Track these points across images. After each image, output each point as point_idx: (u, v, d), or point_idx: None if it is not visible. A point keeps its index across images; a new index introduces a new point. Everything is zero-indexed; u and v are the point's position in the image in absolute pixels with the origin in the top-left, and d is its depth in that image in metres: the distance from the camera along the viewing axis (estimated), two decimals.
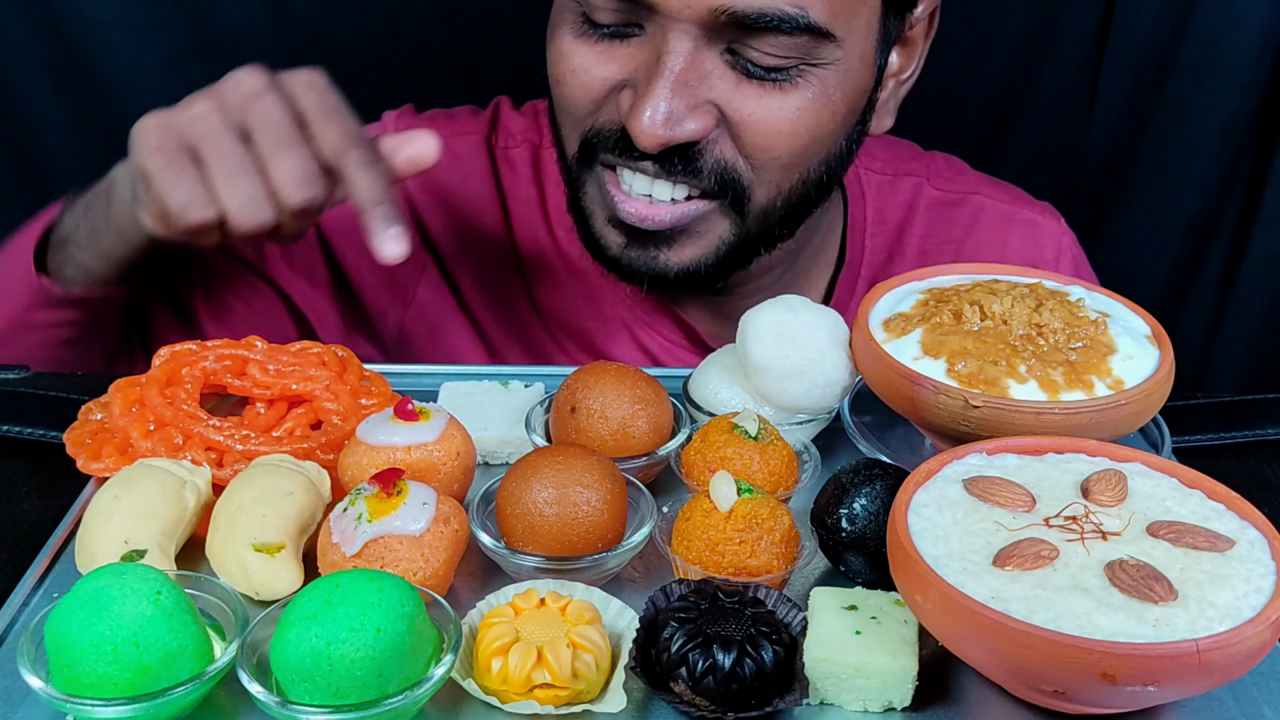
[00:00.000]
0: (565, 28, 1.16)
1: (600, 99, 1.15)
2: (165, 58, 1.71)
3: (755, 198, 1.17)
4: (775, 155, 1.14)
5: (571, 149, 1.21)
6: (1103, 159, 1.81)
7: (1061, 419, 0.90)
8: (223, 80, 1.05)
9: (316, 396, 1.04)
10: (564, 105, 1.18)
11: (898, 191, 1.42)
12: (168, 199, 1.01)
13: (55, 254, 1.22)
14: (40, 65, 1.69)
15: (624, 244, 1.21)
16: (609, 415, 1.00)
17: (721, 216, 1.19)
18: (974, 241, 1.41)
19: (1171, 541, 0.79)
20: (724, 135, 1.14)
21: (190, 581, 0.84)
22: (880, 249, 1.41)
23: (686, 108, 1.10)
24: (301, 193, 1.01)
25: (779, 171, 1.16)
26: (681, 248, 1.20)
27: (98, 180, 1.23)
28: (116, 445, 1.00)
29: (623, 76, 1.13)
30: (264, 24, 1.71)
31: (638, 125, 1.09)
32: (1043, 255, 1.41)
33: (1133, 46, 1.73)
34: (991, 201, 1.42)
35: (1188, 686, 0.73)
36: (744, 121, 1.12)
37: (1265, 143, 1.73)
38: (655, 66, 1.09)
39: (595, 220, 1.23)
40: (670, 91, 1.08)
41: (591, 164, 1.20)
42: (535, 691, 0.78)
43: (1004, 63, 1.79)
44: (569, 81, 1.16)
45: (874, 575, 0.88)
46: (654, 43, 1.10)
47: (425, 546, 0.85)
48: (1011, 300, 0.98)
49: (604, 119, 1.16)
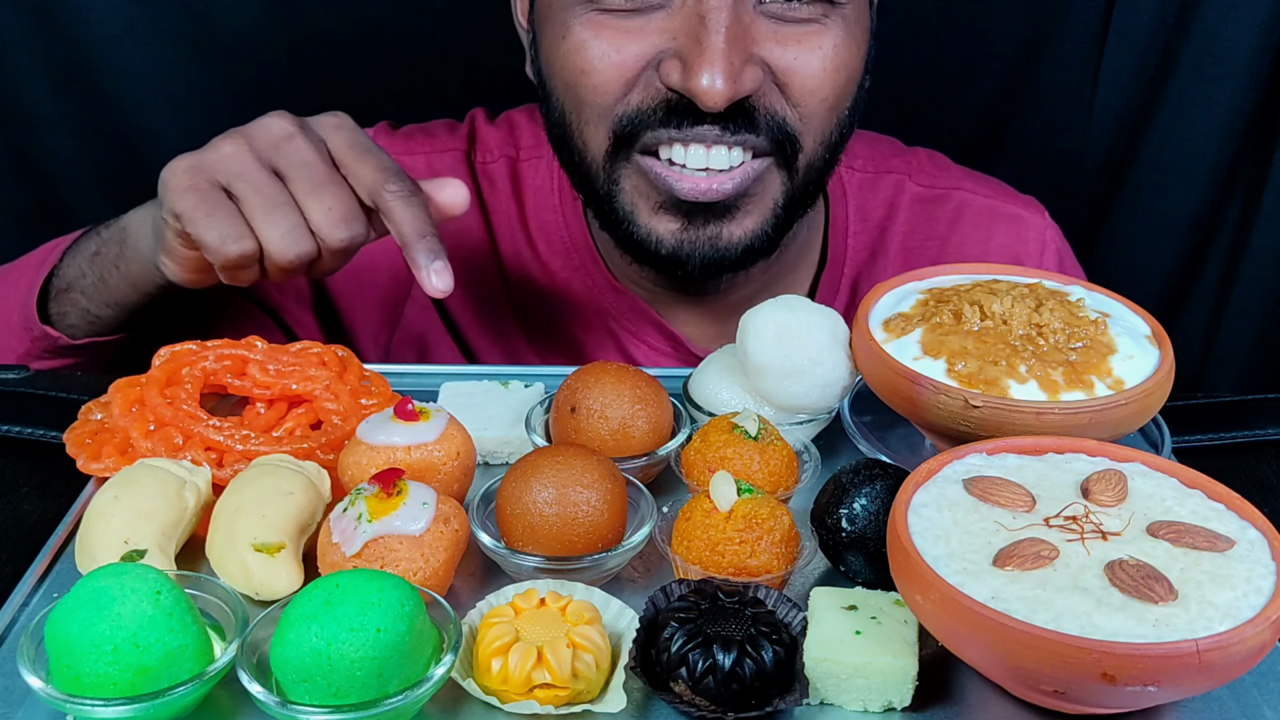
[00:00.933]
0: (574, 22, 1.15)
1: (633, 79, 1.14)
2: (165, 58, 1.71)
3: (805, 147, 1.18)
4: (823, 97, 1.16)
5: (600, 145, 1.19)
6: (1103, 159, 1.81)
7: (1061, 419, 0.90)
8: (249, 125, 1.05)
9: (316, 396, 1.04)
10: (590, 97, 1.16)
11: (879, 189, 1.42)
12: (205, 235, 1.01)
13: (57, 301, 1.22)
14: (40, 65, 1.69)
15: (681, 227, 1.20)
16: (609, 415, 1.00)
17: (775, 174, 1.20)
18: (957, 238, 1.41)
19: (1171, 541, 0.79)
20: (770, 87, 1.14)
21: (190, 581, 0.84)
22: (863, 247, 1.40)
23: (741, 61, 1.10)
24: (343, 231, 1.01)
25: (824, 115, 1.18)
26: (743, 217, 1.20)
27: (101, 223, 1.22)
28: (116, 445, 1.00)
29: (658, 50, 1.13)
30: (264, 24, 1.72)
31: (700, 85, 1.09)
32: (1026, 250, 1.41)
33: (1133, 46, 1.73)
34: (974, 196, 1.42)
35: (1188, 686, 0.73)
36: (790, 68, 1.14)
37: (1265, 143, 1.73)
38: (701, 27, 1.09)
39: (640, 214, 1.21)
40: (726, 45, 1.09)
41: (628, 155, 1.18)
42: (535, 691, 0.78)
43: (1004, 63, 1.79)
44: (598, 68, 1.14)
45: (874, 575, 0.88)
46: (688, 7, 1.11)
47: (425, 546, 0.85)
48: (1011, 300, 0.98)
49: (637, 100, 1.15)
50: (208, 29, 1.71)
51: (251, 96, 1.74)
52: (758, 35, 1.12)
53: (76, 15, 1.67)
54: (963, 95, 1.81)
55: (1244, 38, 1.70)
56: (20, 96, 1.71)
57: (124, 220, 1.17)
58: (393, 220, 1.02)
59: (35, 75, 1.70)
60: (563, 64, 1.17)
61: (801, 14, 1.13)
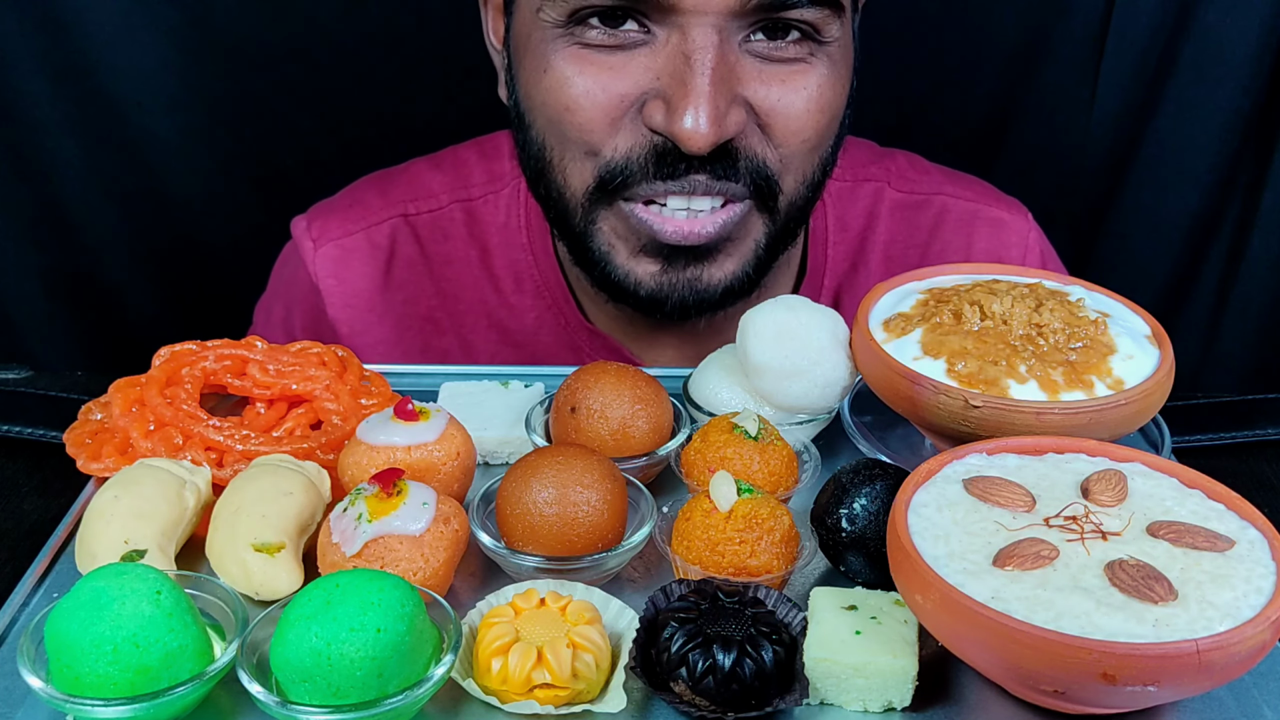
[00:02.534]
0: (554, 56, 1.11)
1: (618, 119, 1.11)
2: (165, 58, 1.71)
3: (785, 189, 1.16)
4: (805, 138, 1.14)
5: (583, 183, 1.15)
6: (1103, 159, 1.81)
7: (1061, 419, 0.90)
8: None
9: (316, 396, 1.04)
10: (574, 134, 1.13)
11: (858, 198, 1.40)
12: None
13: None
14: (40, 65, 1.69)
15: (661, 270, 1.17)
16: (609, 415, 1.00)
17: (756, 216, 1.18)
18: (939, 244, 1.39)
19: (1171, 541, 0.79)
20: (752, 128, 1.12)
21: (190, 581, 0.84)
22: (843, 257, 1.39)
23: (726, 103, 1.08)
24: None
25: (805, 156, 1.16)
26: (724, 260, 1.18)
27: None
28: (116, 445, 1.00)
29: (642, 90, 1.10)
30: (264, 24, 1.71)
31: (684, 129, 1.06)
32: (1009, 254, 1.39)
33: (1133, 46, 1.73)
34: (955, 201, 1.40)
35: (1188, 686, 0.73)
36: (773, 109, 1.11)
37: (1265, 143, 1.73)
38: (686, 68, 1.06)
39: (618, 256, 1.18)
40: (711, 88, 1.06)
41: (611, 201, 1.15)
42: (535, 691, 0.78)
43: (1004, 63, 1.79)
44: (583, 106, 1.11)
45: (874, 575, 0.88)
46: (672, 45, 1.08)
47: (425, 546, 0.85)
48: (1011, 300, 0.98)
49: (625, 146, 1.12)
50: (208, 29, 1.71)
51: (251, 97, 1.75)
52: (742, 75, 1.10)
53: (76, 15, 1.67)
54: (963, 95, 1.81)
55: (1244, 38, 1.70)
56: (20, 96, 1.71)
57: None
58: None
59: (35, 75, 1.70)
60: (544, 99, 1.13)
61: (788, 54, 1.11)
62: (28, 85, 1.71)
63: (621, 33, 1.09)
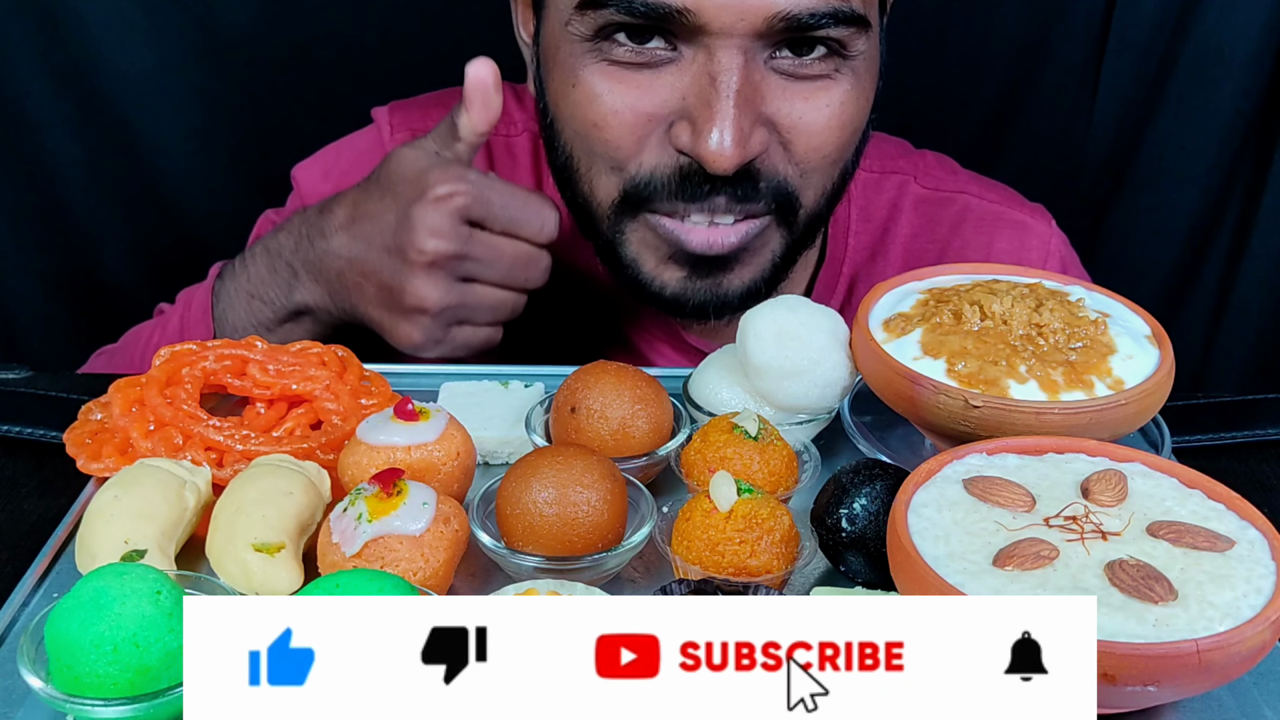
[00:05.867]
0: (583, 70, 1.12)
1: (645, 136, 1.12)
2: (165, 58, 1.71)
3: (804, 203, 1.18)
4: (826, 154, 1.15)
5: (609, 195, 1.17)
6: (1103, 159, 1.81)
7: (1061, 419, 0.90)
8: (432, 200, 1.13)
9: (316, 396, 1.04)
10: (602, 150, 1.14)
11: (884, 190, 1.41)
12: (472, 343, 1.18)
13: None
14: (40, 65, 1.70)
15: (685, 276, 1.20)
16: (609, 415, 1.00)
17: (774, 231, 1.19)
18: (959, 241, 1.40)
19: (1171, 541, 0.79)
20: (774, 145, 1.13)
21: (190, 581, 0.84)
22: (863, 247, 1.40)
23: (750, 124, 1.09)
24: (541, 278, 1.19)
25: (825, 171, 1.17)
26: (741, 270, 1.20)
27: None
28: (116, 445, 1.00)
29: (670, 109, 1.11)
30: (264, 24, 1.72)
31: (709, 150, 1.07)
32: (1030, 257, 1.40)
33: (1133, 47, 1.73)
34: (979, 201, 1.41)
35: (1188, 686, 0.73)
36: (796, 126, 1.12)
37: (1265, 143, 1.73)
38: (712, 89, 1.07)
39: (646, 263, 1.21)
40: (736, 110, 1.07)
41: (636, 212, 1.17)
42: None
43: (1004, 63, 1.79)
44: (611, 124, 1.12)
45: (874, 575, 0.88)
46: (698, 65, 1.09)
47: (425, 546, 0.85)
48: (1011, 300, 0.98)
49: (651, 164, 1.14)
50: (208, 29, 1.71)
51: (252, 97, 1.75)
52: (766, 93, 1.10)
53: (76, 15, 1.67)
54: (963, 97, 1.81)
55: (1244, 38, 1.70)
56: (20, 97, 1.71)
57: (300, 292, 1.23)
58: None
59: (35, 75, 1.70)
60: (572, 113, 1.15)
61: (813, 70, 1.11)
62: (28, 85, 1.71)
63: (649, 50, 1.10)
